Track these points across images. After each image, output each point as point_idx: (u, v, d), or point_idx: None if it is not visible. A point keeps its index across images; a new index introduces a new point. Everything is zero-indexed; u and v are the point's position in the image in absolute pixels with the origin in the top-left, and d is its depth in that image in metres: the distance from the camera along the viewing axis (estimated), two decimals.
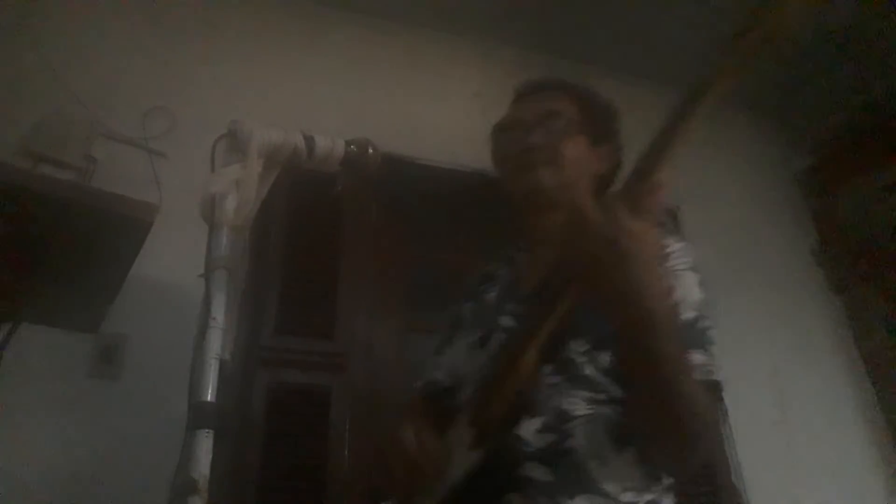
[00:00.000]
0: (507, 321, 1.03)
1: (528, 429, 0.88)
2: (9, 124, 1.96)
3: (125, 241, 1.24)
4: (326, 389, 1.94)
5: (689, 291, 0.94)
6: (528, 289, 1.04)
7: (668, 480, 0.92)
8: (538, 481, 0.85)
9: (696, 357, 0.86)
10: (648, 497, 0.88)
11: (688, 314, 0.91)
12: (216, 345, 0.74)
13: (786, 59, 2.99)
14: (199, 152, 0.96)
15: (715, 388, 0.89)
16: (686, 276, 0.96)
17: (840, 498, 2.40)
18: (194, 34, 2.40)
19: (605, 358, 0.92)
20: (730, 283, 2.68)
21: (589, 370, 0.91)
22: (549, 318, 0.81)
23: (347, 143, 0.93)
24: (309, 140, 0.91)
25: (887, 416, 2.65)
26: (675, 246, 0.99)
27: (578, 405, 0.89)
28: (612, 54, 2.97)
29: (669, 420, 0.79)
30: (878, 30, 2.83)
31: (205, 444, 0.67)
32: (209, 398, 0.70)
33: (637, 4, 2.74)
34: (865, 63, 2.96)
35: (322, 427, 1.89)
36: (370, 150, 0.95)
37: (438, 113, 2.60)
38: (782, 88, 3.19)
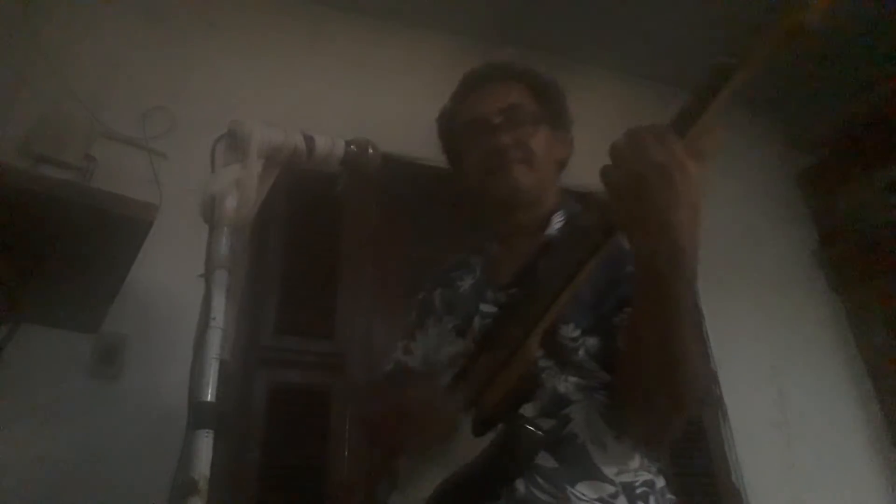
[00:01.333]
0: (487, 308, 1.03)
1: (527, 414, 0.86)
2: (9, 124, 1.96)
3: (125, 241, 1.24)
4: (326, 389, 1.95)
5: None
6: (506, 278, 1.04)
7: (660, 464, 0.93)
8: (543, 467, 0.84)
9: None
10: (645, 477, 0.89)
11: None
12: (216, 345, 0.74)
13: (786, 58, 3.00)
14: (199, 152, 0.95)
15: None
16: None
17: (840, 497, 2.40)
18: (194, 34, 2.40)
19: (594, 343, 0.92)
20: (730, 283, 2.68)
21: (579, 355, 0.92)
22: (554, 303, 0.80)
23: (347, 143, 0.93)
24: (309, 140, 0.90)
25: (887, 416, 2.65)
26: None
27: (571, 390, 0.90)
28: (613, 54, 2.97)
29: (669, 373, 0.78)
30: (878, 30, 2.83)
31: (205, 444, 0.67)
32: (209, 398, 0.70)
33: (637, 5, 2.74)
34: (865, 63, 2.96)
35: (322, 427, 1.89)
36: (370, 150, 0.95)
37: None
38: (782, 88, 3.19)
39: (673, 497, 0.92)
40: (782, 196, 3.15)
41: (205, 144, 0.90)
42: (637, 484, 0.87)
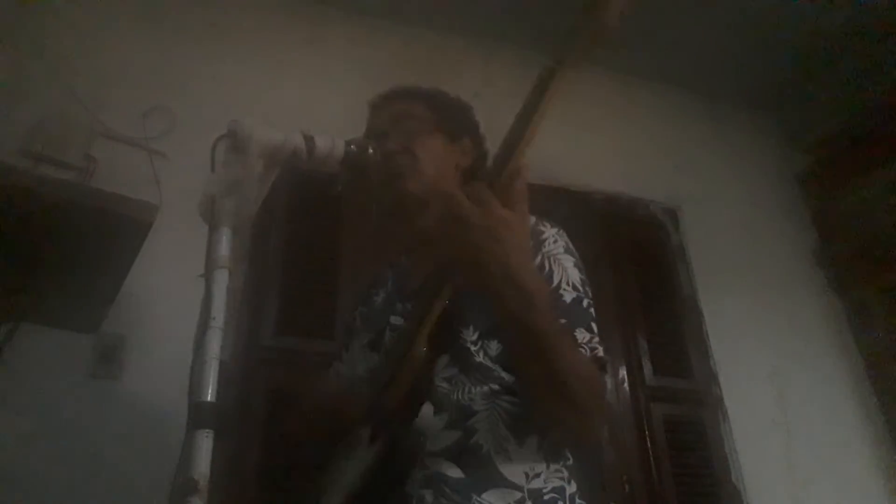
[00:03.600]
0: (396, 320, 1.07)
1: (435, 426, 0.91)
2: (9, 124, 1.96)
3: (125, 241, 1.24)
4: None
5: (567, 273, 0.97)
6: (413, 287, 1.08)
7: (570, 462, 0.96)
8: (450, 478, 0.88)
9: (581, 334, 0.91)
10: (555, 483, 0.92)
11: (569, 295, 0.95)
12: (216, 345, 0.74)
13: (786, 58, 3.00)
14: (199, 152, 0.95)
15: (600, 363, 0.91)
16: (563, 259, 0.99)
17: (840, 498, 2.40)
18: (194, 34, 2.40)
19: (493, 345, 0.96)
20: (730, 283, 2.69)
21: (481, 358, 0.95)
22: (432, 305, 0.85)
23: (347, 143, 0.93)
24: (309, 140, 0.90)
25: (887, 416, 2.65)
26: (548, 231, 1.01)
27: (476, 400, 0.93)
28: (613, 54, 2.97)
29: (559, 394, 0.82)
30: (877, 30, 2.83)
31: (205, 444, 0.67)
32: (209, 398, 0.70)
33: (636, 5, 2.74)
34: (865, 63, 2.96)
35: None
36: (370, 150, 0.95)
37: None
38: (782, 88, 3.19)
39: (586, 500, 0.95)
40: (782, 196, 3.15)
41: (205, 144, 0.90)
42: (546, 490, 0.90)
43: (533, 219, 1.01)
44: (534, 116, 0.81)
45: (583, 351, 0.89)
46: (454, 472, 0.88)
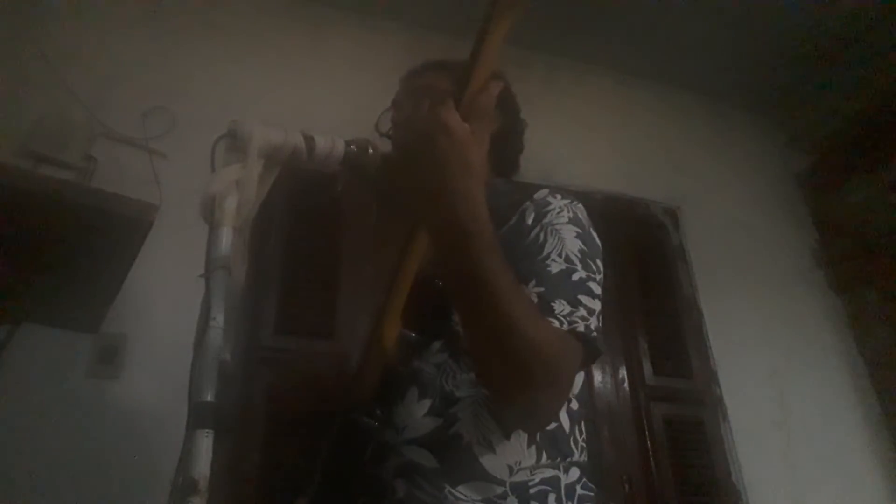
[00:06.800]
0: None
1: (416, 413, 0.88)
2: (9, 124, 1.96)
3: (125, 241, 1.24)
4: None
5: (563, 244, 0.89)
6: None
7: (570, 459, 0.90)
8: (424, 468, 0.84)
9: (560, 306, 0.82)
10: (546, 474, 0.86)
11: (556, 266, 0.87)
12: (216, 345, 0.74)
13: (786, 59, 3.00)
14: (199, 152, 0.95)
15: (581, 339, 0.81)
16: (563, 230, 0.91)
17: (840, 498, 2.40)
18: (194, 34, 2.40)
19: None
20: (730, 283, 2.69)
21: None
22: (395, 278, 0.82)
23: (347, 143, 0.93)
24: (309, 140, 0.90)
25: (887, 416, 2.65)
26: (556, 202, 0.95)
27: (462, 387, 0.88)
28: (612, 54, 2.97)
29: (498, 353, 0.74)
30: (877, 30, 2.83)
31: (205, 444, 0.67)
32: (209, 398, 0.70)
33: (636, 5, 2.74)
34: (865, 64, 2.96)
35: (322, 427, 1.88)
36: (370, 150, 0.95)
37: None
38: (782, 88, 3.19)
39: (591, 489, 0.89)
40: (782, 196, 3.15)
41: (205, 144, 0.90)
42: (533, 483, 0.84)
43: (546, 191, 0.97)
44: (492, 25, 0.76)
45: (556, 322, 0.79)
46: (429, 462, 0.84)
